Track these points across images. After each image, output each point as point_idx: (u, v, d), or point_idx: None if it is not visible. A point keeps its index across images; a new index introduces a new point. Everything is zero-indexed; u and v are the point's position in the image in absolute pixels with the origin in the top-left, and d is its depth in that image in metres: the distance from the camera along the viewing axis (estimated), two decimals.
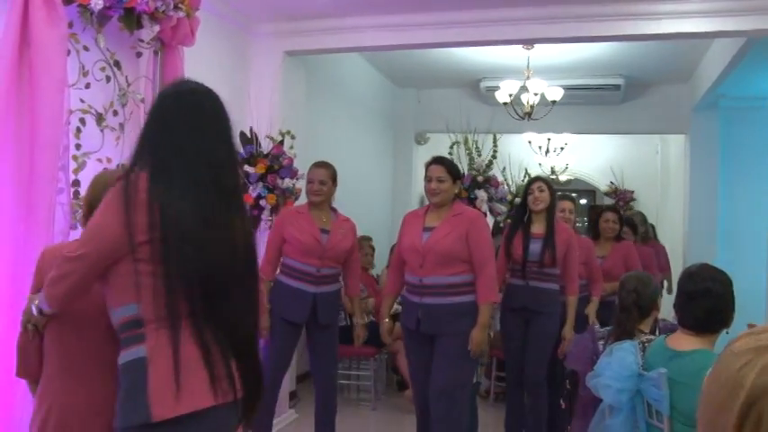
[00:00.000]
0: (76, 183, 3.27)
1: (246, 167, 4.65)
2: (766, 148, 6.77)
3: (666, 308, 3.59)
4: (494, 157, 6.07)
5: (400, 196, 8.59)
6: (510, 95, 6.73)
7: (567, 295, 4.36)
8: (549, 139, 9.89)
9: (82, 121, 3.34)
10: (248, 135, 4.79)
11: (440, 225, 3.68)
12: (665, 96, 7.91)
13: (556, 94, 6.88)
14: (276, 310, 4.04)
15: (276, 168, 4.71)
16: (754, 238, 6.38)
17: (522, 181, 7.26)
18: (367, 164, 7.32)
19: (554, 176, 10.80)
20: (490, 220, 5.51)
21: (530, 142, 9.86)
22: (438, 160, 3.81)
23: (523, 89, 6.82)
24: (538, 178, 4.63)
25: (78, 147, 3.32)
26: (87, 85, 3.34)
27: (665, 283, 6.64)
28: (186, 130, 1.86)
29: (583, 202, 12.16)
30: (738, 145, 7.31)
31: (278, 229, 4.13)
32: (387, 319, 4.06)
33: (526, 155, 9.71)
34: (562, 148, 10.03)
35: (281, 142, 4.87)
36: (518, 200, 5.10)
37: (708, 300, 2.31)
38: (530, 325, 4.33)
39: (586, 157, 10.68)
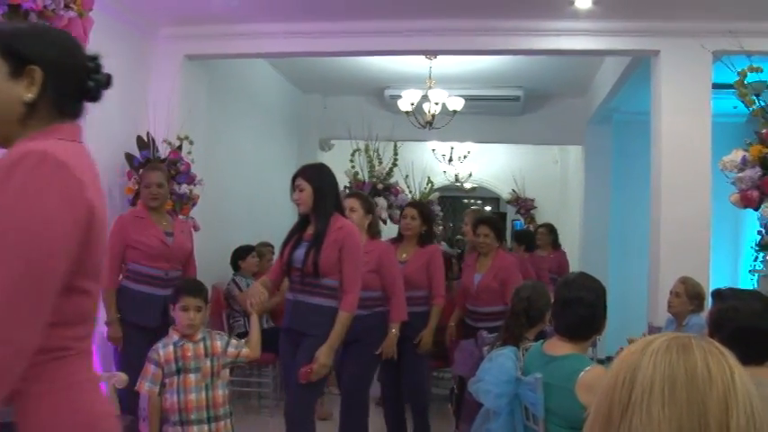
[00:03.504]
0: None
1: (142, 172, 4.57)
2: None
3: None
4: (395, 164, 6.15)
5: None
6: (412, 104, 6.84)
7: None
8: (452, 148, 10.09)
9: None
10: (145, 139, 4.71)
11: None
12: (562, 109, 8.23)
13: (457, 104, 7.04)
14: (126, 316, 3.96)
15: (173, 174, 4.64)
16: (641, 246, 6.72)
17: (425, 189, 7.39)
18: (271, 170, 7.27)
19: (459, 184, 11.04)
20: (393, 228, 5.55)
21: (434, 150, 10.03)
22: None
23: (425, 98, 6.94)
24: (296, 174, 3.49)
25: None
26: None
27: None
28: None
29: (488, 209, 12.48)
30: (629, 157, 7.69)
31: (118, 236, 3.92)
32: None
33: (431, 163, 9.88)
34: (465, 157, 10.25)
35: (179, 147, 4.80)
36: None
37: (580, 308, 2.43)
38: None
39: (490, 165, 10.95)
